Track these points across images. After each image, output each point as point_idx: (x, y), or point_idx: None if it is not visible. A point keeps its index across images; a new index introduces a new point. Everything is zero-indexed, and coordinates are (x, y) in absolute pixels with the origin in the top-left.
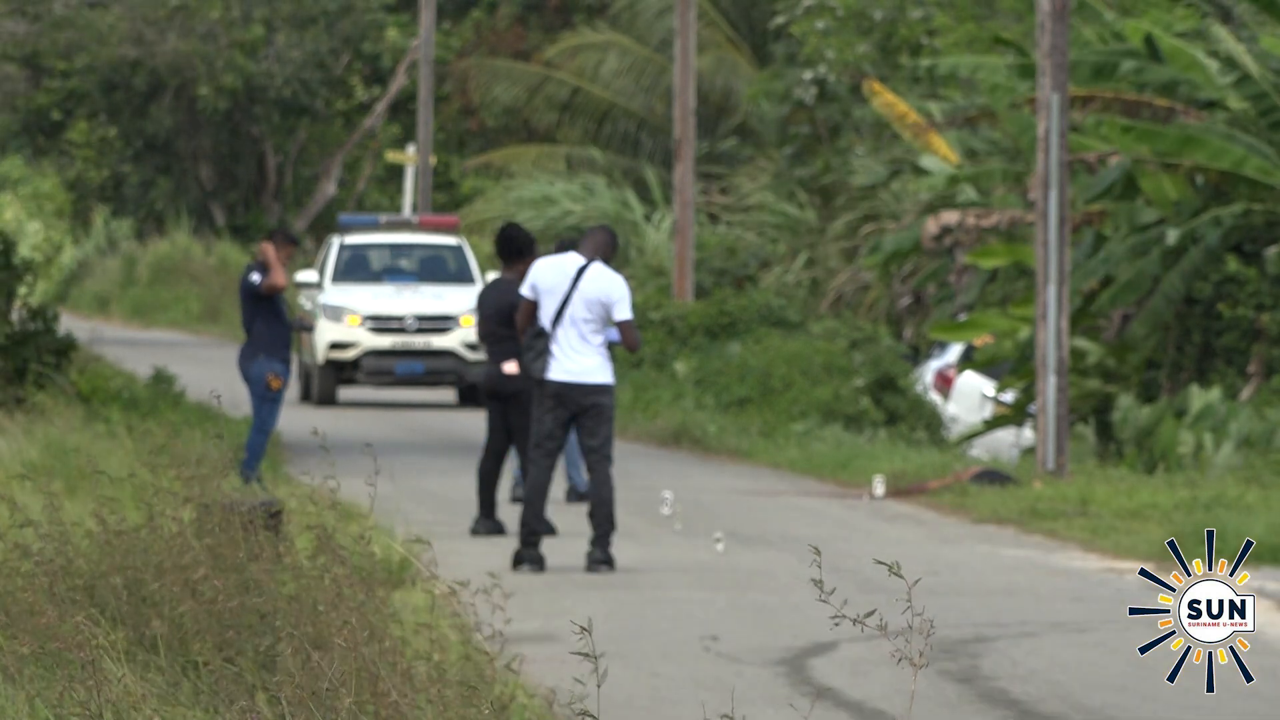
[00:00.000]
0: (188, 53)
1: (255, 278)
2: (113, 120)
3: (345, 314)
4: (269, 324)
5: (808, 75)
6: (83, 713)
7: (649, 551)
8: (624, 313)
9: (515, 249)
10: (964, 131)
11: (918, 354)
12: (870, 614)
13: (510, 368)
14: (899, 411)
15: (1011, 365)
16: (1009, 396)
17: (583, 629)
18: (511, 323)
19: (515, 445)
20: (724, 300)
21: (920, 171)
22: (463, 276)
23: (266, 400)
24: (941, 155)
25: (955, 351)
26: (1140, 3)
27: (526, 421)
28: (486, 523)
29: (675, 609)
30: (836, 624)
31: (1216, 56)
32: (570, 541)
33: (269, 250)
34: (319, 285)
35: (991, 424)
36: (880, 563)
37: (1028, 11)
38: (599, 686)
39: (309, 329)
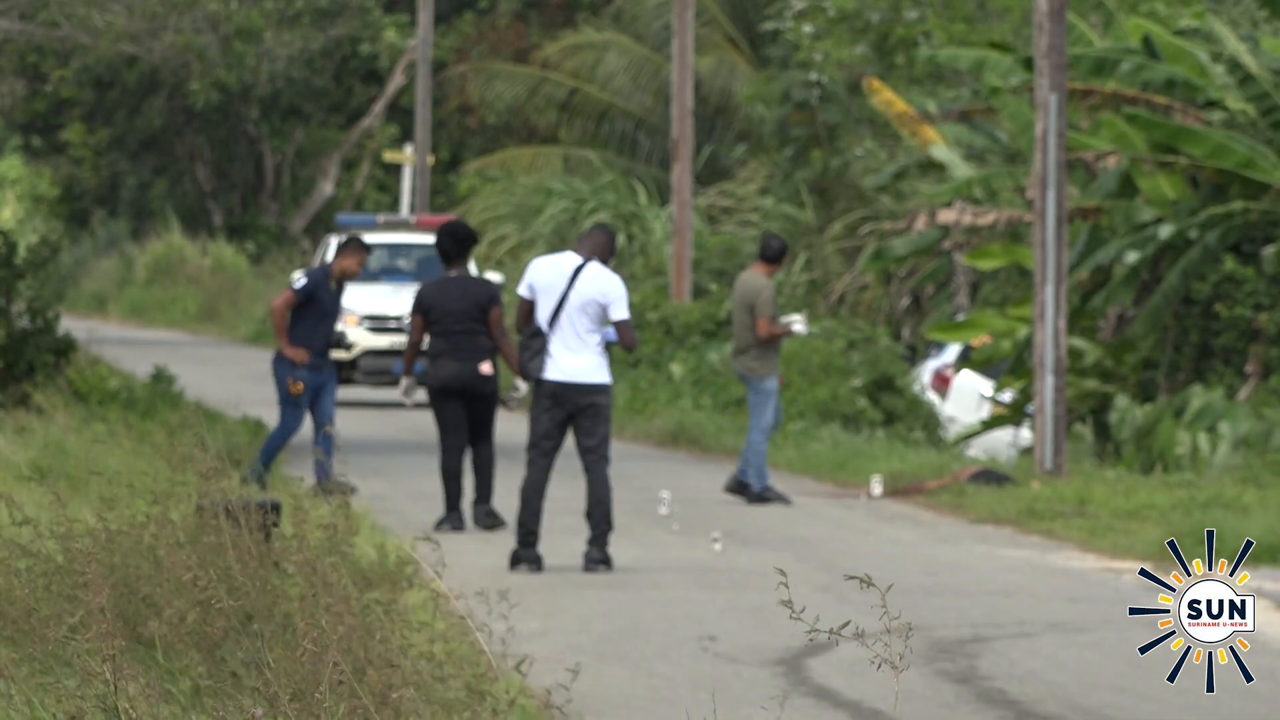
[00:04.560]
0: (183, 47)
1: (300, 281)
2: (107, 121)
3: (343, 314)
4: (304, 328)
5: (813, 76)
6: (98, 706)
7: (647, 551)
8: (621, 312)
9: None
10: (963, 129)
11: (915, 354)
12: (845, 625)
13: (487, 368)
14: (897, 411)
15: (1009, 365)
16: (1006, 396)
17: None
18: (481, 319)
19: (474, 442)
20: (722, 300)
21: (933, 165)
22: None
23: (288, 404)
24: None
25: (953, 351)
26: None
27: (491, 418)
28: (483, 508)
29: (673, 609)
30: (811, 639)
31: (1220, 59)
32: (568, 541)
33: (280, 319)
34: None
35: (989, 424)
36: (851, 577)
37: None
38: (572, 684)
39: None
